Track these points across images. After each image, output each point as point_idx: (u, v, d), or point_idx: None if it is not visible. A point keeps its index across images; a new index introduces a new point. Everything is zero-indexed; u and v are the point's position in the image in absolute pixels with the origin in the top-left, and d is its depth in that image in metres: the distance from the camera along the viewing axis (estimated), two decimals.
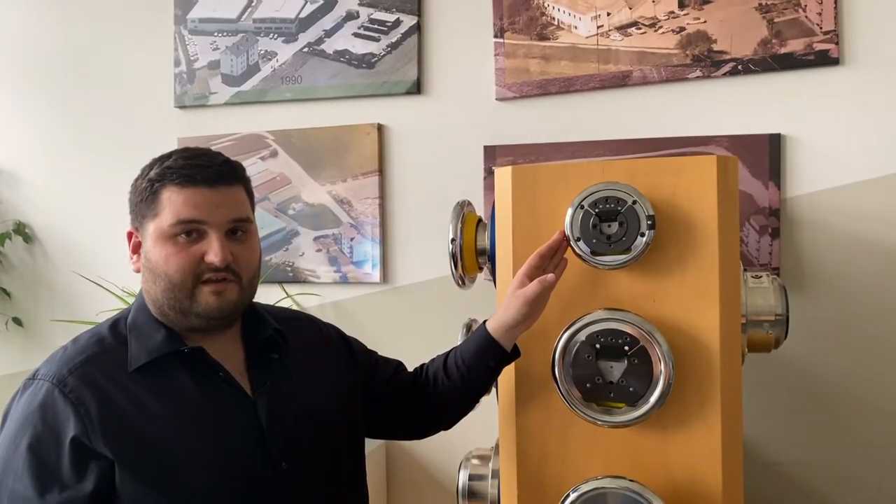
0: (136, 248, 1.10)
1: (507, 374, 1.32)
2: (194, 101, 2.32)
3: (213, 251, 1.05)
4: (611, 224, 1.21)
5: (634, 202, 1.20)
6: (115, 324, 1.10)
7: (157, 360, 1.05)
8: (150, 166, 1.09)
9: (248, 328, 1.16)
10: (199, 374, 1.07)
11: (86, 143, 2.42)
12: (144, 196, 1.07)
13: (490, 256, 1.47)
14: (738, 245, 1.28)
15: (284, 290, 2.23)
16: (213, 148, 2.21)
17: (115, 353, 1.06)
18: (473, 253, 1.51)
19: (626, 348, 1.20)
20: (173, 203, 1.04)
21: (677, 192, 1.24)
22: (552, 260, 1.22)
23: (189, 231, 1.05)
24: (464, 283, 1.54)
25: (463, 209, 1.53)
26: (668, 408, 1.21)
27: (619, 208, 1.20)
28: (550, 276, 1.18)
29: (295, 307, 2.22)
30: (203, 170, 1.06)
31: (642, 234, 1.20)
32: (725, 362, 1.24)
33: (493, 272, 1.45)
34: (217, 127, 2.30)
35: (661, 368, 1.19)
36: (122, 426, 1.00)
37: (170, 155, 1.09)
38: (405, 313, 2.13)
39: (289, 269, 2.22)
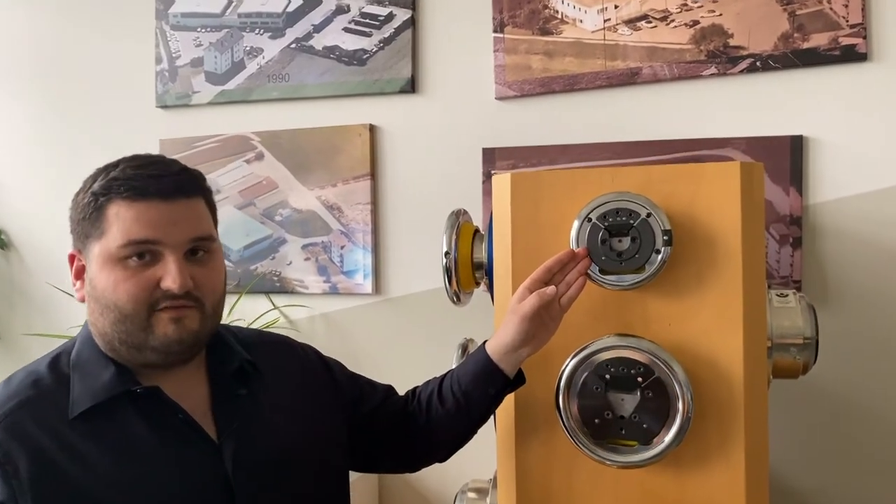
0: (80, 274, 0.96)
1: (506, 402, 1.18)
2: (177, 101, 2.19)
3: (171, 276, 0.91)
4: (622, 239, 1.08)
5: (649, 215, 1.07)
6: (56, 360, 0.97)
7: (104, 404, 0.91)
8: (94, 177, 0.95)
9: (214, 359, 1.02)
10: (155, 417, 0.93)
11: (64, 146, 2.30)
12: (87, 213, 0.93)
13: (487, 271, 1.34)
14: (764, 262, 1.15)
15: (271, 301, 2.10)
16: (196, 150, 2.15)
17: (53, 396, 0.92)
18: (469, 267, 1.38)
19: (640, 379, 1.07)
20: (122, 220, 0.91)
21: (696, 202, 1.11)
22: (563, 275, 1.09)
23: (141, 253, 0.91)
24: (459, 299, 1.41)
25: (458, 219, 1.41)
26: (685, 444, 1.08)
27: (632, 222, 1.07)
28: (551, 288, 1.05)
29: (282, 319, 2.09)
30: (156, 180, 0.92)
31: (658, 251, 1.07)
32: (750, 393, 1.11)
33: (490, 288, 1.32)
34: (200, 128, 2.17)
35: (679, 402, 1.06)
36: (58, 486, 0.86)
37: (116, 164, 0.95)
38: (399, 327, 2.00)
39: (275, 278, 2.09)
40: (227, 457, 0.94)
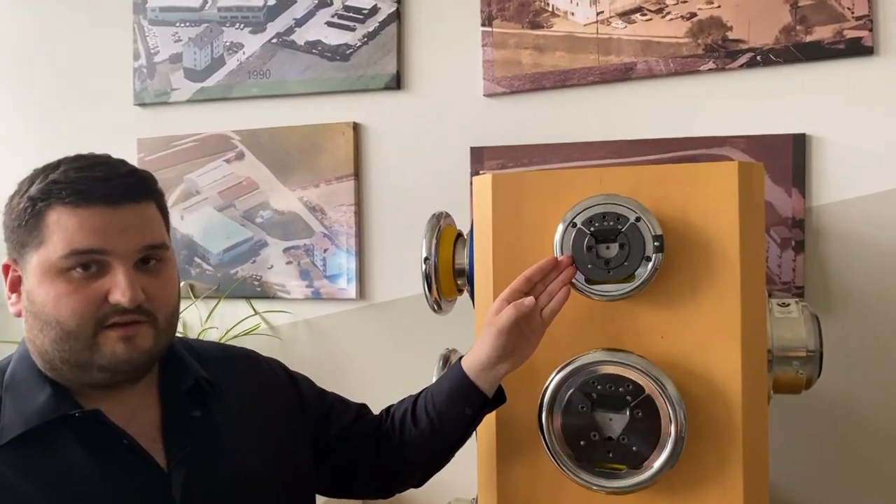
0: (16, 286, 0.88)
1: (488, 419, 1.10)
2: (155, 99, 2.11)
3: (120, 288, 0.83)
4: (609, 246, 1.00)
5: (638, 219, 0.99)
6: None
7: (38, 429, 0.83)
8: (31, 180, 0.87)
9: (166, 376, 0.94)
10: (96, 444, 0.85)
11: (38, 145, 2.21)
12: (24, 219, 0.85)
13: (469, 278, 1.26)
14: (764, 269, 1.07)
15: (252, 307, 2.02)
16: (174, 150, 2.07)
17: None
18: (451, 274, 1.29)
19: (629, 398, 0.98)
20: (64, 228, 0.83)
21: (690, 205, 1.03)
22: (545, 285, 1.01)
23: (87, 264, 0.83)
24: (440, 307, 1.32)
25: (439, 222, 1.32)
26: (679, 467, 1.00)
27: (620, 227, 0.99)
28: (529, 299, 0.97)
29: (263, 325, 2.01)
30: (102, 183, 0.84)
31: (648, 259, 0.98)
32: (748, 411, 1.03)
33: (472, 296, 1.24)
34: (179, 126, 2.09)
35: (671, 422, 0.97)
36: None
37: (57, 164, 0.87)
38: (384, 333, 1.92)
39: (256, 283, 2.01)
40: (176, 486, 0.86)
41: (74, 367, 0.85)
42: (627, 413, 0.98)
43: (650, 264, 0.98)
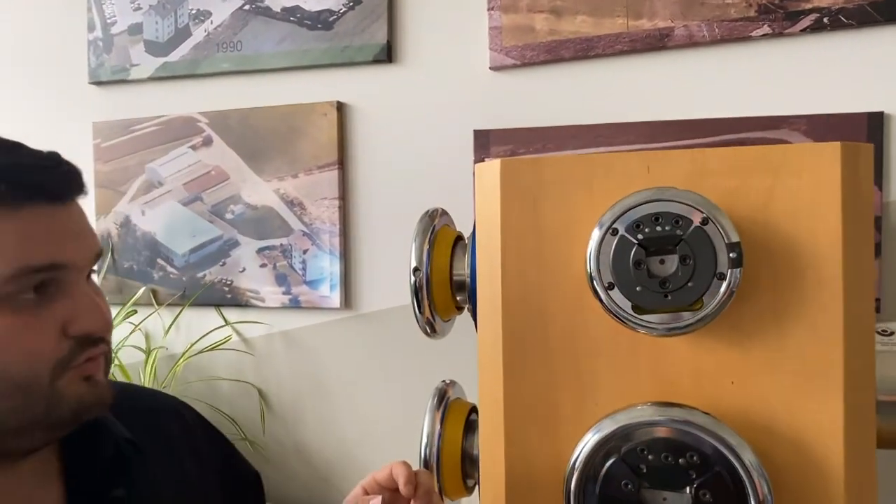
0: None
1: (495, 490, 0.83)
2: (112, 76, 1.84)
3: (91, 313, 0.62)
4: (665, 259, 0.72)
5: (705, 221, 0.71)
6: None
7: None
8: None
9: (74, 439, 0.68)
10: None
11: None
12: None
13: (470, 293, 0.98)
14: (874, 289, 0.79)
15: (222, 317, 1.75)
16: (134, 135, 1.79)
17: None
18: (447, 286, 1.02)
19: (692, 473, 0.70)
20: (5, 237, 0.58)
21: (774, 203, 0.75)
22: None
23: (42, 284, 0.59)
24: (434, 329, 1.05)
25: (433, 222, 1.04)
26: None
27: (680, 233, 0.71)
28: (375, 499, 0.74)
29: (235, 337, 1.74)
30: (44, 173, 0.60)
31: (721, 276, 0.70)
32: (852, 483, 0.75)
33: (474, 315, 0.96)
34: (139, 108, 1.83)
35: (751, 502, 0.70)
36: None
37: None
38: (373, 348, 1.66)
39: (226, 288, 1.73)
40: None
41: (8, 432, 0.60)
42: (689, 493, 0.71)
43: (724, 284, 0.70)
